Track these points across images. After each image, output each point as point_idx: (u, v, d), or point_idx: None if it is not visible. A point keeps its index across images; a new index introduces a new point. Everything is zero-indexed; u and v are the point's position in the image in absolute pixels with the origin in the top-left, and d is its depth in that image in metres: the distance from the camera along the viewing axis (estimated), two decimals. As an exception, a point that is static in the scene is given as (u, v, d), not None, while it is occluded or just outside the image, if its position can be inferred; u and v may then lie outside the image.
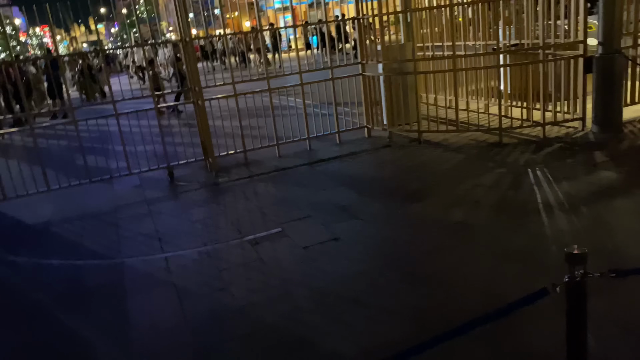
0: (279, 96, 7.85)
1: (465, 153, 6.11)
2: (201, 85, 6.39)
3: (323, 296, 3.27)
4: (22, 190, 6.00)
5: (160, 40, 10.33)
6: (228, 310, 3.26)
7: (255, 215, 4.95)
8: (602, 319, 2.60)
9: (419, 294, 3.18)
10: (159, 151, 6.57)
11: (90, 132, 7.08)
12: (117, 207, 5.70)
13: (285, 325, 3.01)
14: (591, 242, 3.50)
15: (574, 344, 1.77)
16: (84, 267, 4.29)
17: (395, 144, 6.88)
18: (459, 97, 7.08)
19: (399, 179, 5.53)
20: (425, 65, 7.68)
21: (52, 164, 6.70)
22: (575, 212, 4.08)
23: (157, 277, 3.89)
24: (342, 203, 4.91)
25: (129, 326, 3.25)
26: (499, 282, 3.14)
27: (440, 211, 4.43)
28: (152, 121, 6.54)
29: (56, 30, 23.33)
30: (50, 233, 5.22)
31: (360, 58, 7.27)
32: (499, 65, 6.81)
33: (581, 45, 6.13)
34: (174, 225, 4.94)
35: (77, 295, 3.79)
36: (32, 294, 3.93)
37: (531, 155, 5.69)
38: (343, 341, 2.77)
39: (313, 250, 3.96)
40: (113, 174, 6.39)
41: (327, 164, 6.34)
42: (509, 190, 4.76)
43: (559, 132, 6.43)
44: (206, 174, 6.53)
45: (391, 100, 7.04)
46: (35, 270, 4.33)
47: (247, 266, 3.85)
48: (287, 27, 9.39)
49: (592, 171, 4.99)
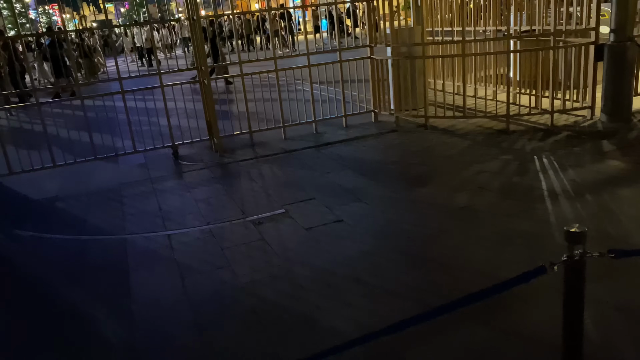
0: (286, 78, 7.81)
1: (471, 139, 6.07)
2: (207, 64, 6.36)
3: (324, 276, 3.28)
4: (28, 165, 6.03)
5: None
6: (229, 288, 3.27)
7: (259, 196, 4.95)
8: (600, 301, 2.60)
9: (420, 275, 3.18)
10: (164, 130, 6.57)
11: (96, 109, 7.09)
12: (121, 184, 5.72)
13: (286, 303, 3.02)
14: (595, 228, 3.48)
15: (570, 323, 1.77)
16: (88, 242, 4.32)
17: (402, 128, 6.84)
18: (467, 83, 7.02)
19: (405, 163, 5.51)
20: (435, 50, 7.60)
21: (58, 140, 6.72)
22: (580, 199, 4.05)
23: (160, 254, 3.91)
24: (346, 186, 4.90)
25: (130, 300, 3.28)
26: (500, 265, 3.13)
27: (444, 195, 4.42)
28: (158, 100, 6.52)
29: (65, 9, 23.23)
30: (55, 208, 5.26)
31: (369, 41, 7.20)
32: (509, 51, 6.73)
33: (593, 32, 6.04)
34: (178, 204, 4.96)
35: (81, 270, 3.82)
36: (35, 267, 3.97)
37: (538, 143, 5.64)
38: (343, 319, 2.78)
39: (316, 232, 3.97)
40: (118, 151, 6.41)
41: (332, 147, 6.32)
42: (514, 176, 4.73)
43: (567, 120, 6.38)
44: (211, 154, 6.53)
45: (399, 84, 6.98)
46: (40, 244, 4.36)
47: (249, 245, 3.86)
48: (295, 8, 9.32)
49: (600, 160, 4.95)
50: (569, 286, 1.73)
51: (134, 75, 6.61)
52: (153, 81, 6.50)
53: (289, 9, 10.69)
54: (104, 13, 29.38)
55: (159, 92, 6.34)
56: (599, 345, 2.36)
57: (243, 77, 6.61)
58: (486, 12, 7.72)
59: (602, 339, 2.41)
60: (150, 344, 2.81)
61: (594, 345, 2.33)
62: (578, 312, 1.77)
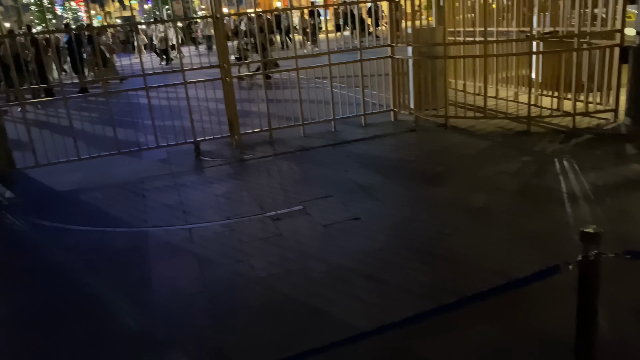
0: (307, 77, 7.87)
1: (491, 140, 6.05)
2: (230, 62, 6.44)
3: (339, 271, 3.32)
4: (54, 158, 6.19)
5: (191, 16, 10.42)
6: (246, 280, 3.34)
7: (277, 192, 5.02)
8: (616, 303, 2.60)
9: (433, 272, 3.21)
10: (186, 126, 6.68)
11: (120, 105, 7.23)
12: (143, 178, 5.83)
13: (300, 296, 3.07)
14: (613, 231, 3.45)
15: (584, 323, 1.78)
16: (109, 233, 4.43)
17: (421, 128, 6.84)
18: (489, 84, 6.98)
19: (423, 163, 5.52)
20: (456, 51, 7.58)
21: (83, 134, 6.88)
22: (599, 202, 4.02)
23: (179, 246, 4.00)
24: (363, 184, 4.93)
25: (151, 290, 3.37)
26: (514, 265, 3.13)
27: (461, 195, 4.42)
28: (180, 97, 6.63)
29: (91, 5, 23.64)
30: (78, 200, 5.39)
31: (390, 40, 7.22)
32: (531, 52, 6.68)
33: (618, 34, 5.96)
34: (198, 198, 5.05)
35: (103, 260, 3.93)
36: (58, 256, 4.09)
37: (559, 145, 5.60)
38: (355, 314, 2.82)
39: (332, 228, 4.01)
40: (141, 146, 6.53)
41: (350, 146, 6.36)
42: (533, 178, 4.71)
43: (590, 123, 6.30)
44: (231, 151, 6.62)
45: (419, 84, 6.98)
46: (63, 235, 4.49)
47: (267, 240, 3.93)
48: (316, 7, 9.33)
49: (622, 163, 4.89)
50: (583, 286, 1.74)
51: (157, 72, 6.73)
52: (175, 78, 6.61)
53: (319, 8, 10.62)
54: (129, 9, 29.78)
55: (181, 89, 6.45)
56: (612, 347, 2.36)
57: (265, 74, 6.68)
58: (509, 13, 7.66)
59: (616, 341, 2.41)
60: (168, 332, 2.89)
61: (608, 346, 2.33)
62: (592, 313, 1.78)
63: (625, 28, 5.93)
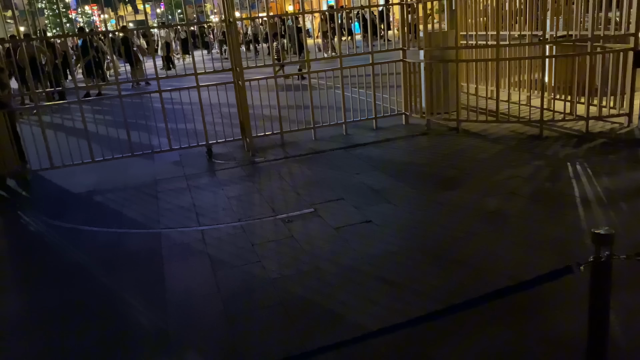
0: (318, 81, 7.90)
1: (503, 144, 6.03)
2: (242, 65, 6.49)
3: (351, 273, 3.34)
4: (69, 160, 6.28)
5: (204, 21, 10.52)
6: (259, 282, 3.37)
7: (289, 195, 5.04)
8: (628, 307, 2.59)
9: (445, 275, 3.21)
10: (199, 129, 6.73)
11: (134, 108, 7.31)
12: (157, 180, 5.90)
13: (313, 298, 3.09)
14: (626, 234, 3.44)
15: (595, 325, 1.78)
16: (124, 234, 4.48)
17: (433, 131, 6.84)
18: (501, 88, 6.96)
19: (434, 166, 5.51)
20: (468, 54, 7.57)
21: (97, 137, 6.96)
22: (613, 206, 4.00)
23: (193, 248, 4.03)
24: (375, 187, 4.94)
25: (164, 290, 3.40)
26: (526, 269, 3.13)
27: (474, 199, 4.42)
28: (193, 100, 6.69)
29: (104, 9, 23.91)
30: (93, 202, 5.46)
31: (402, 44, 7.23)
32: (544, 56, 6.65)
33: (632, 38, 5.93)
34: (211, 200, 5.09)
35: (117, 260, 3.98)
36: (73, 256, 4.14)
37: (572, 149, 5.57)
38: (368, 316, 2.83)
39: (344, 231, 4.03)
40: (154, 149, 6.60)
41: (362, 149, 6.37)
42: (546, 182, 4.69)
43: (603, 127, 6.27)
44: (243, 153, 6.66)
45: (431, 87, 6.98)
46: (78, 235, 4.55)
47: (279, 242, 3.95)
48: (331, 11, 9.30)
49: (635, 168, 4.86)
50: (595, 288, 1.74)
51: (171, 75, 6.80)
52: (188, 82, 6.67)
53: (338, 11, 10.59)
54: (143, 13, 30.04)
55: (194, 92, 6.51)
56: (624, 350, 2.35)
57: (277, 78, 6.72)
58: (522, 17, 7.64)
59: (628, 344, 2.40)
60: (183, 331, 2.92)
61: (620, 350, 2.32)
62: (604, 314, 1.78)
63: (639, 32, 5.89)
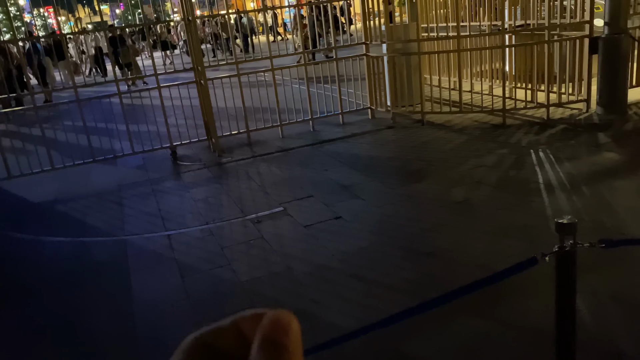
0: (282, 77, 7.83)
1: (468, 134, 6.10)
2: (204, 64, 6.37)
3: (323, 271, 3.31)
4: (27, 169, 6.05)
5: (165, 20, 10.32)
6: (229, 286, 3.30)
7: (257, 194, 4.98)
8: (595, 291, 2.64)
9: (417, 269, 3.21)
10: (162, 131, 6.58)
11: (93, 112, 7.11)
12: (120, 186, 5.74)
13: (285, 299, 3.05)
14: (590, 219, 3.51)
15: (562, 312, 1.80)
16: (87, 244, 4.34)
17: (399, 125, 6.87)
18: (463, 78, 7.04)
19: (402, 159, 5.54)
20: (430, 46, 7.62)
21: (56, 143, 6.73)
22: (576, 191, 4.08)
23: (160, 254, 3.93)
24: (344, 183, 4.93)
25: (131, 300, 3.30)
26: (497, 258, 3.16)
27: (441, 190, 4.45)
28: (156, 101, 6.53)
29: (60, 11, 23.17)
30: (54, 211, 5.28)
31: (364, 38, 7.22)
32: (504, 46, 6.75)
33: (587, 25, 6.07)
34: (177, 204, 4.98)
35: (81, 271, 3.85)
36: (36, 269, 3.99)
37: (534, 137, 5.67)
38: (342, 314, 2.81)
39: (314, 229, 3.99)
40: (117, 153, 6.42)
41: (330, 145, 6.35)
42: (511, 170, 4.77)
43: (563, 113, 6.41)
44: (209, 154, 6.55)
45: (395, 81, 7.01)
46: (40, 247, 4.39)
47: (248, 244, 3.89)
48: (290, 7, 9.21)
49: (595, 152, 4.98)
50: (560, 276, 1.76)
51: (131, 77, 6.63)
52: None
53: (291, 7, 10.42)
54: (99, 14, 29.34)
55: (155, 93, 6.36)
56: (594, 334, 2.39)
57: (240, 76, 6.63)
58: (481, 7, 7.74)
59: (597, 329, 2.44)
60: (151, 340, 2.84)
61: (589, 334, 2.36)
62: (570, 302, 1.80)
63: (594, 19, 6.04)
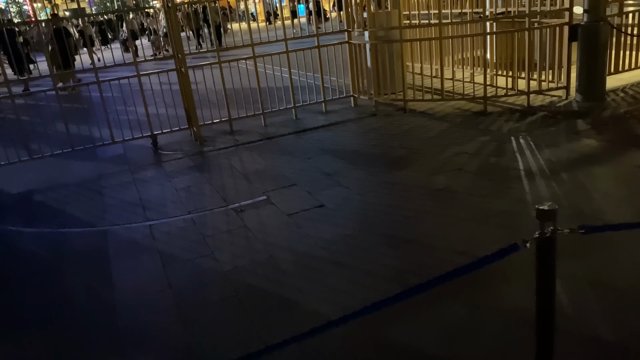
0: (265, 65, 7.76)
1: (449, 121, 6.13)
2: (184, 52, 6.29)
3: (306, 259, 3.31)
4: (4, 159, 5.93)
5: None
6: (212, 275, 3.29)
7: (240, 183, 4.95)
8: (574, 277, 2.69)
9: (400, 256, 3.23)
10: (142, 119, 6.50)
11: (72, 100, 6.98)
12: (101, 175, 5.66)
13: (268, 287, 3.05)
14: (570, 206, 3.57)
15: (542, 298, 1.82)
16: (67, 234, 4.28)
17: (381, 112, 6.87)
18: (445, 66, 7.05)
19: (384, 147, 5.54)
20: (412, 34, 7.61)
21: (34, 133, 6.60)
22: (555, 178, 4.14)
23: (141, 244, 3.90)
24: (327, 171, 4.92)
25: (113, 290, 3.27)
26: (478, 245, 3.19)
27: (423, 178, 4.47)
28: (134, 89, 6.44)
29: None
30: (33, 201, 5.19)
31: (347, 26, 7.19)
32: (485, 33, 6.78)
33: (567, 13, 6.11)
34: (158, 194, 4.93)
35: (61, 262, 3.80)
36: (15, 261, 3.93)
37: (515, 124, 5.72)
38: (325, 302, 2.82)
39: (297, 217, 3.99)
40: (96, 142, 6.33)
41: (312, 133, 6.33)
42: (492, 157, 4.81)
43: (543, 100, 6.47)
44: (191, 143, 6.49)
45: (377, 68, 7.00)
46: (19, 239, 4.32)
47: (231, 233, 3.87)
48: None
49: (574, 139, 5.04)
50: (541, 262, 1.78)
51: (109, 65, 6.52)
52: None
53: None
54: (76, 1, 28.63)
55: (135, 82, 6.26)
56: (573, 319, 2.44)
57: (221, 64, 6.56)
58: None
59: (576, 313, 2.49)
60: (134, 332, 2.82)
61: (569, 318, 2.41)
62: (550, 287, 1.83)
63: (573, 7, 6.08)
